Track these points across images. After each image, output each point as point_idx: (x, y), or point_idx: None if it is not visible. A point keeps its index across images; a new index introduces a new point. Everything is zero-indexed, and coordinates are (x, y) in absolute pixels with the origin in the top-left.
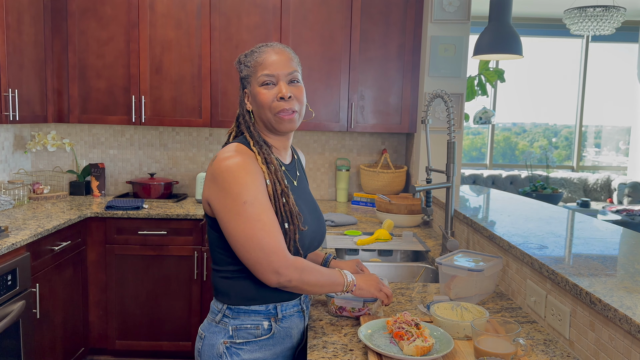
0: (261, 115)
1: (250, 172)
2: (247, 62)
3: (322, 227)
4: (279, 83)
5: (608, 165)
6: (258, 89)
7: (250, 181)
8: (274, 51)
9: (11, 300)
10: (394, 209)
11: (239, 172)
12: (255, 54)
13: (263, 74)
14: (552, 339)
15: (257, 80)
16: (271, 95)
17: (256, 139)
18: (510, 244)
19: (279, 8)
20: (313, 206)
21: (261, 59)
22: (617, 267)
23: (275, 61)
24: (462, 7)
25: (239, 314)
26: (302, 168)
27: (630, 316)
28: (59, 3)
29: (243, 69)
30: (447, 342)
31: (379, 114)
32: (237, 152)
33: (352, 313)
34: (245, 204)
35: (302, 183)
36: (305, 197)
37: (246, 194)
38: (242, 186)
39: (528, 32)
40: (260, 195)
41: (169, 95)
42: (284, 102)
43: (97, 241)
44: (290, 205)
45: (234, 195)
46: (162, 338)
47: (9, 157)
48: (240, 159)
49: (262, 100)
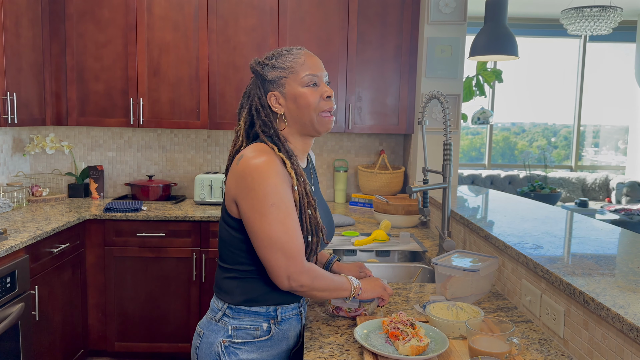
0: (302, 117)
1: (279, 174)
2: (279, 63)
3: (332, 230)
4: (322, 84)
5: (607, 165)
6: (301, 90)
7: (279, 183)
8: (308, 53)
9: (10, 302)
10: (392, 210)
11: (269, 172)
12: (287, 55)
13: (308, 74)
14: (546, 338)
15: (300, 80)
16: (317, 95)
17: (284, 146)
18: (506, 244)
19: (276, 10)
20: (327, 212)
21: (301, 60)
22: (612, 266)
23: (316, 62)
24: (459, 8)
25: (240, 314)
26: (314, 169)
27: (623, 315)
28: (57, 6)
29: (271, 70)
30: (442, 342)
31: (377, 115)
32: (265, 152)
33: (348, 313)
34: (272, 206)
35: (317, 186)
36: (321, 203)
37: (274, 196)
38: (271, 187)
39: (526, 33)
40: (287, 198)
41: (167, 97)
42: (330, 101)
43: (95, 243)
44: (317, 219)
45: (262, 196)
46: (161, 340)
47: (8, 159)
48: (270, 159)
49: (307, 101)
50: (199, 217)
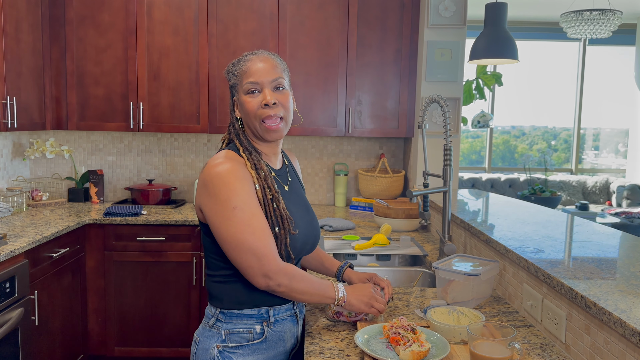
0: (248, 123)
1: (239, 177)
2: (234, 70)
3: (314, 231)
4: (264, 90)
5: (607, 168)
6: (244, 98)
7: (240, 187)
8: (258, 59)
9: (10, 307)
10: (392, 214)
11: (229, 178)
12: (241, 62)
13: (248, 81)
14: (548, 342)
15: (243, 88)
16: (256, 102)
17: (245, 146)
18: (507, 247)
19: (275, 14)
20: (305, 210)
21: (246, 67)
22: (613, 270)
23: (259, 69)
24: (458, 12)
25: (232, 318)
26: (295, 172)
27: (625, 320)
28: (57, 11)
29: (231, 77)
30: (443, 347)
31: (377, 119)
32: (227, 158)
33: (349, 318)
34: (235, 209)
35: (295, 187)
36: (298, 201)
37: (235, 199)
38: (232, 192)
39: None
40: (250, 200)
41: (167, 101)
42: (268, 109)
43: (95, 248)
44: (280, 210)
45: (223, 201)
46: (161, 344)
47: (8, 164)
48: (229, 165)
49: (247, 109)
50: None
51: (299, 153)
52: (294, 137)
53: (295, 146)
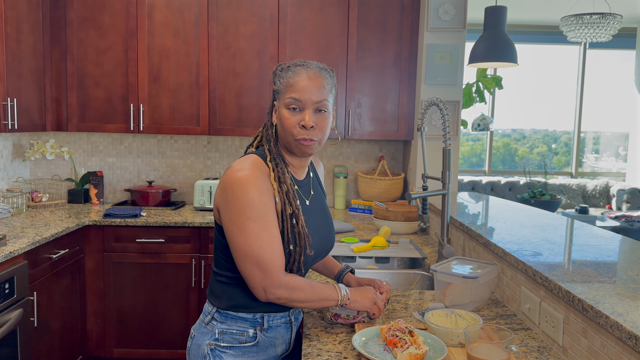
0: (283, 136)
1: (259, 187)
2: (280, 77)
3: (329, 243)
4: (305, 110)
5: (607, 172)
6: (283, 111)
7: (258, 197)
8: (307, 75)
9: (9, 308)
10: (391, 216)
11: (248, 186)
12: (289, 72)
13: (290, 97)
14: (545, 345)
15: (284, 101)
16: (294, 120)
17: (274, 155)
18: (505, 250)
19: (276, 17)
20: (325, 221)
21: (292, 81)
22: (611, 273)
23: (305, 87)
24: (458, 15)
25: (227, 319)
26: (319, 182)
27: (622, 323)
28: (58, 12)
29: (276, 82)
30: (440, 350)
31: (376, 122)
32: (252, 165)
33: (347, 320)
34: (248, 220)
35: (317, 199)
36: (318, 214)
37: (250, 210)
38: (248, 202)
39: (526, 39)
40: (265, 212)
41: (167, 103)
42: (304, 131)
43: (95, 249)
44: (299, 228)
45: (239, 209)
46: (160, 346)
47: (8, 165)
48: (251, 173)
49: (284, 124)
50: (199, 223)
51: None
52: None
53: None
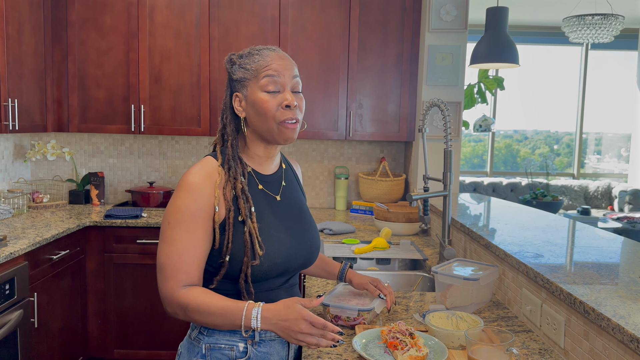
0: (260, 124)
1: (193, 195)
2: (245, 63)
3: (306, 244)
4: (284, 90)
5: (609, 173)
6: (261, 96)
7: (186, 204)
8: (278, 56)
9: (9, 309)
10: (392, 217)
11: (183, 192)
12: (256, 56)
13: (268, 78)
14: (547, 348)
15: (260, 85)
16: (275, 102)
17: (229, 157)
18: (506, 252)
19: (277, 18)
20: (299, 220)
21: (265, 63)
22: (612, 275)
23: (281, 66)
24: (460, 16)
25: (214, 332)
26: (295, 176)
27: (623, 325)
28: (59, 13)
29: (237, 70)
30: (441, 352)
31: (377, 123)
32: (200, 169)
33: (347, 322)
34: (168, 225)
35: (289, 194)
36: (289, 211)
37: (173, 216)
38: (175, 207)
39: (527, 40)
40: (189, 219)
41: (168, 104)
42: (289, 111)
43: (96, 250)
44: (246, 235)
45: (165, 214)
46: (160, 347)
47: (9, 166)
48: (195, 179)
49: (265, 108)
50: None
51: (300, 156)
52: (294, 140)
53: (296, 149)
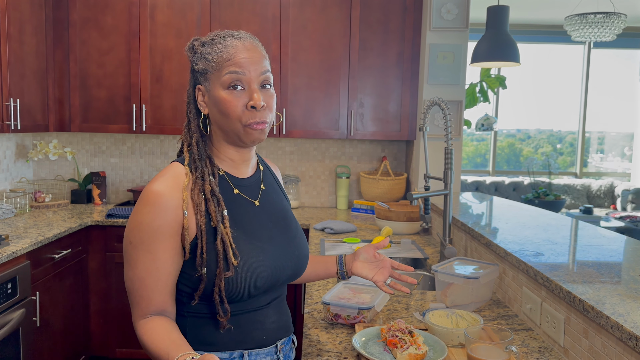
0: (224, 124)
1: (157, 206)
2: (207, 53)
3: (291, 255)
4: (251, 87)
5: (612, 172)
6: (222, 94)
7: (148, 220)
8: (244, 46)
9: (11, 308)
10: (393, 216)
11: (144, 206)
12: (218, 45)
13: (231, 71)
14: (547, 346)
15: (222, 80)
16: (240, 102)
17: (195, 157)
18: (507, 251)
19: (278, 17)
20: (282, 229)
21: (228, 54)
22: (612, 274)
23: (246, 59)
24: (461, 15)
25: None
26: (275, 178)
27: (622, 323)
28: (61, 13)
29: (199, 60)
30: (440, 350)
31: (379, 122)
32: (165, 177)
33: (347, 320)
34: (130, 245)
35: (269, 198)
36: (272, 218)
37: (134, 233)
38: (137, 224)
39: (530, 39)
40: (152, 239)
41: (170, 103)
42: (255, 113)
43: (97, 249)
44: (218, 242)
45: (127, 232)
46: None
47: (11, 165)
48: (155, 188)
49: (228, 109)
50: None
51: (301, 155)
52: (295, 140)
53: (297, 149)
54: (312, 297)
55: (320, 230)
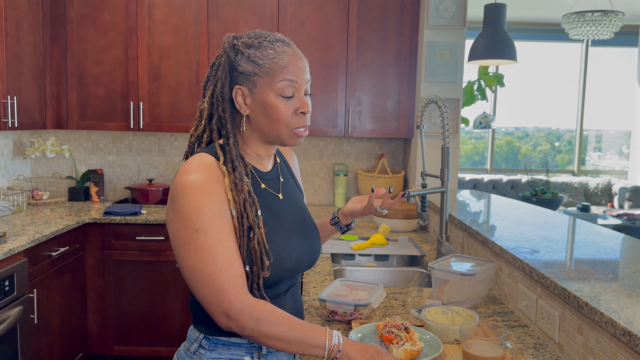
0: (270, 128)
1: (209, 194)
2: (256, 57)
3: (310, 246)
4: (300, 94)
5: (610, 170)
6: (274, 100)
7: (207, 205)
8: (295, 55)
9: (9, 305)
10: (390, 214)
11: (195, 193)
12: (269, 50)
13: (286, 79)
14: (542, 342)
15: (275, 87)
16: (290, 109)
17: (232, 157)
18: (503, 248)
19: (276, 15)
20: (301, 221)
21: (283, 62)
22: (607, 271)
23: (299, 70)
24: (458, 12)
25: (217, 346)
26: (289, 170)
27: (616, 319)
28: (58, 11)
29: (245, 62)
30: (436, 346)
31: (376, 119)
32: (200, 167)
33: (343, 317)
34: (196, 232)
35: (289, 191)
36: (292, 210)
37: (199, 220)
38: (196, 211)
39: (528, 37)
40: (217, 221)
41: (167, 101)
42: (304, 118)
43: (95, 247)
44: (254, 243)
45: (185, 221)
46: (159, 343)
47: (8, 163)
48: (200, 177)
49: (279, 114)
50: None
51: (299, 153)
52: None
53: (295, 147)
54: (308, 293)
55: None
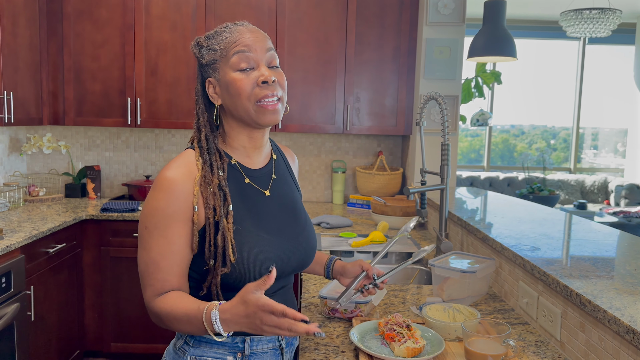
0: (237, 107)
1: (173, 194)
2: (213, 44)
3: (299, 247)
4: (260, 66)
5: (606, 167)
6: (232, 75)
7: (163, 206)
8: (247, 29)
9: (5, 302)
10: (389, 211)
11: (160, 191)
12: (222, 34)
13: (238, 54)
14: (543, 340)
15: (231, 63)
16: (250, 81)
17: (204, 150)
18: (503, 245)
19: (274, 10)
20: (290, 220)
21: (232, 39)
22: (609, 268)
23: (251, 39)
24: (457, 9)
25: (201, 344)
26: (288, 168)
27: (619, 317)
28: (55, 6)
29: (206, 53)
30: (438, 344)
31: (375, 116)
32: (181, 164)
33: (344, 314)
34: (145, 229)
35: (280, 189)
36: (281, 208)
37: (150, 219)
38: (152, 209)
39: (525, 34)
40: (166, 224)
41: (165, 97)
42: (266, 87)
43: (92, 243)
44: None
45: (143, 215)
46: (157, 340)
47: (5, 159)
48: (174, 175)
49: (239, 88)
50: None
51: (297, 150)
52: (291, 134)
53: (293, 143)
54: (308, 291)
55: (317, 225)
